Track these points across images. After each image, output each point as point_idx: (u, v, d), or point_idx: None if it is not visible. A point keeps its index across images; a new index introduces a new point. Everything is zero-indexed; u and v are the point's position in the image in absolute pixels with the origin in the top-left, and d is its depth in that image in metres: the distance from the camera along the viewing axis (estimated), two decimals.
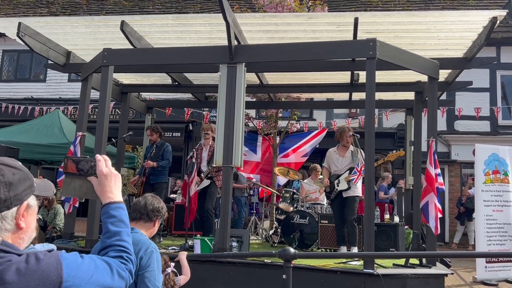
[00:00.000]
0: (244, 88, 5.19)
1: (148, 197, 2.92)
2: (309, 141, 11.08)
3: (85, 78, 6.20)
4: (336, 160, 6.03)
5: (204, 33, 5.99)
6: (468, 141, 12.11)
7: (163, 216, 2.93)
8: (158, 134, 6.97)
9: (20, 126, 9.55)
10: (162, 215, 2.88)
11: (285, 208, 7.19)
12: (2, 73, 15.90)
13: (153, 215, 2.82)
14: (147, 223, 2.81)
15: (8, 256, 1.16)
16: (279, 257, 3.05)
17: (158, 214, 2.85)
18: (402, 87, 7.03)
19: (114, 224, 1.43)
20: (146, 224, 2.80)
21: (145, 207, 2.82)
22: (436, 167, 4.94)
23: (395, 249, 5.85)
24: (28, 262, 1.16)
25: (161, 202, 2.94)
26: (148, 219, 2.81)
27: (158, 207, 2.86)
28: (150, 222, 2.82)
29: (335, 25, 5.55)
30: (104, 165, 1.49)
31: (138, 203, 2.89)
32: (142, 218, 2.81)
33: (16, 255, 1.18)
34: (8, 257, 1.16)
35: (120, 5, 17.68)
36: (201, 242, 5.23)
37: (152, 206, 2.84)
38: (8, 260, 1.15)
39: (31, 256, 1.18)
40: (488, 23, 5.07)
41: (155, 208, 2.84)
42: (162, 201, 2.99)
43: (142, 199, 2.90)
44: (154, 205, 2.85)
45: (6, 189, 1.20)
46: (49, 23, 6.17)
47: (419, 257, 5.02)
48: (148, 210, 2.81)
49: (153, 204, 2.85)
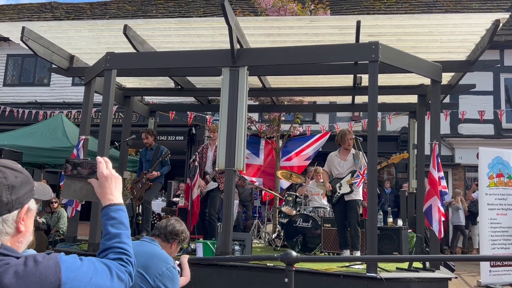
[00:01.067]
0: (246, 92, 5.19)
1: (172, 219, 2.98)
2: (312, 144, 11.07)
3: (88, 82, 6.22)
4: (338, 164, 6.01)
5: (207, 37, 6.01)
6: (472, 144, 12.05)
7: (182, 242, 2.95)
8: (153, 137, 6.99)
9: (23, 130, 9.58)
10: (180, 240, 2.91)
11: (288, 212, 7.17)
12: (7, 77, 15.99)
13: (171, 237, 2.87)
14: (164, 243, 2.85)
15: (6, 259, 1.16)
16: (281, 261, 3.04)
17: (176, 237, 2.88)
18: (405, 90, 7.01)
19: (114, 226, 1.42)
20: (163, 244, 2.84)
21: (165, 228, 2.87)
22: (439, 170, 4.92)
23: (399, 253, 5.82)
24: (26, 264, 1.15)
25: (183, 226, 2.95)
26: (165, 240, 2.86)
27: (178, 230, 2.89)
28: (167, 243, 2.86)
29: (338, 28, 5.56)
30: (105, 167, 1.49)
31: (161, 222, 2.96)
32: (160, 236, 2.87)
33: (15, 258, 1.17)
34: (6, 260, 1.15)
35: (124, 9, 17.78)
36: (204, 246, 5.22)
37: (171, 228, 2.88)
38: (6, 263, 1.14)
39: (29, 259, 1.17)
40: (491, 26, 5.05)
41: (173, 231, 2.87)
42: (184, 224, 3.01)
43: (166, 221, 2.96)
44: (174, 227, 2.88)
45: (8, 192, 1.20)
46: (52, 27, 6.21)
47: (423, 261, 4.99)
48: (166, 231, 2.86)
49: (173, 226, 2.89)
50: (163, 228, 2.88)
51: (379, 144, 4.81)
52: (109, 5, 18.54)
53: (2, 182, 1.19)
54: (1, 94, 15.65)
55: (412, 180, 7.03)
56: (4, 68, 15.96)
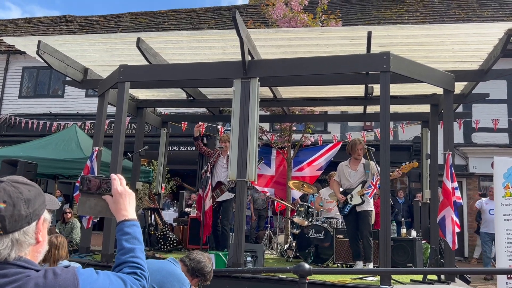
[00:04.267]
0: (257, 102, 5.22)
1: (205, 256, 2.95)
2: (324, 154, 11.01)
3: (102, 94, 6.31)
4: (348, 174, 5.97)
5: (218, 49, 6.06)
6: (486, 153, 11.91)
7: (204, 282, 2.92)
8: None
9: (38, 141, 9.73)
10: (203, 279, 2.89)
11: (300, 222, 7.13)
12: (22, 89, 16.31)
13: (197, 273, 2.85)
14: (188, 274, 2.83)
15: (26, 271, 1.21)
16: (294, 273, 3.02)
17: (199, 275, 2.86)
18: (417, 99, 6.97)
19: (128, 241, 1.46)
20: (187, 274, 2.82)
21: (197, 263, 2.86)
22: (453, 180, 4.86)
23: (413, 265, 5.74)
24: (46, 277, 1.20)
25: (211, 267, 2.92)
26: (190, 272, 2.84)
27: (206, 271, 2.87)
28: (189, 276, 2.83)
29: (349, 39, 5.57)
30: (119, 183, 1.53)
31: (196, 255, 2.92)
32: (187, 266, 2.85)
33: (34, 270, 1.22)
34: (27, 272, 1.20)
35: (136, 21, 18.04)
36: (216, 257, 5.21)
37: (202, 265, 2.85)
38: (27, 275, 1.19)
39: (49, 272, 1.22)
40: (503, 35, 5.02)
41: (202, 270, 2.86)
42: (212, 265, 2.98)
43: (200, 256, 2.93)
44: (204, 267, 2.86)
45: (25, 206, 1.25)
46: (67, 41, 6.33)
47: (438, 273, 4.92)
48: (196, 266, 2.85)
49: (204, 265, 2.86)
50: (195, 262, 2.84)
51: (392, 154, 4.78)
52: (122, 17, 18.85)
53: (19, 197, 1.25)
54: (17, 106, 15.95)
55: (425, 190, 6.96)
56: (20, 80, 16.29)
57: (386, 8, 16.47)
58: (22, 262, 1.23)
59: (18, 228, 1.23)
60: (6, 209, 1.21)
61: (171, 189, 13.73)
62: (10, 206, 1.22)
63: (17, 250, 1.23)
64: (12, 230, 1.21)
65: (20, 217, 1.23)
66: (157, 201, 8.09)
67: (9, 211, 1.21)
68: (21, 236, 1.24)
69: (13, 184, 1.27)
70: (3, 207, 1.21)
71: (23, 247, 1.25)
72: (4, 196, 1.22)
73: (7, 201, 1.22)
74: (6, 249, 1.20)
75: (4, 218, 1.20)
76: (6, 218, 1.20)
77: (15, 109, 15.78)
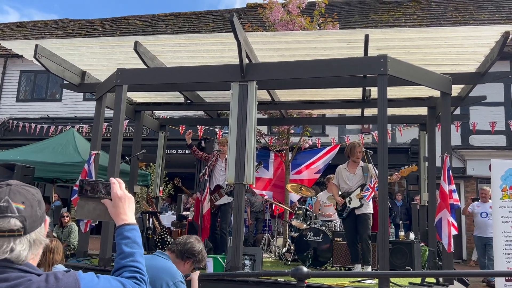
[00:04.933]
0: (255, 106, 5.22)
1: (192, 237, 2.91)
2: (322, 157, 11.02)
3: (100, 97, 6.31)
4: (347, 178, 5.97)
5: (216, 52, 6.07)
6: (484, 156, 11.95)
7: (197, 263, 2.88)
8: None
9: (35, 145, 9.71)
10: (196, 260, 2.84)
11: (298, 226, 7.13)
12: (20, 93, 16.29)
13: (186, 255, 2.81)
14: (178, 259, 2.80)
15: (28, 275, 1.22)
16: (292, 276, 3.01)
17: (192, 257, 2.82)
18: (414, 102, 6.99)
19: (128, 246, 1.47)
20: (177, 260, 2.79)
21: (183, 245, 2.82)
22: (450, 183, 4.87)
23: (411, 267, 5.74)
24: (48, 281, 1.22)
25: (201, 247, 2.88)
26: (180, 256, 2.80)
27: (195, 250, 2.83)
28: (180, 260, 2.80)
29: (346, 42, 5.59)
30: (119, 187, 1.54)
31: (181, 238, 2.89)
32: (175, 252, 2.81)
33: (36, 274, 1.24)
34: (28, 276, 1.22)
35: (134, 25, 18.05)
36: (214, 261, 5.20)
37: (189, 246, 2.82)
38: (28, 279, 1.21)
39: (50, 276, 1.24)
40: (500, 38, 5.04)
41: (191, 250, 2.81)
42: (203, 245, 2.94)
43: (186, 237, 2.90)
44: (192, 246, 2.82)
45: (39, 207, 1.30)
46: (65, 45, 6.33)
47: (436, 276, 4.92)
48: (184, 248, 2.81)
49: (192, 245, 2.82)
50: (181, 244, 2.82)
51: (389, 156, 4.78)
52: (119, 21, 18.86)
53: (33, 198, 1.29)
54: (14, 109, 15.94)
55: (423, 192, 6.96)
56: (17, 84, 16.27)
57: (383, 11, 16.54)
58: (23, 266, 1.24)
59: (35, 228, 1.26)
60: (25, 210, 1.25)
61: (169, 193, 13.72)
62: (28, 207, 1.26)
63: (33, 251, 1.26)
64: (30, 231, 1.25)
65: (36, 217, 1.27)
66: (155, 204, 8.07)
67: (28, 211, 1.25)
68: (37, 236, 1.27)
69: (24, 187, 1.30)
70: (22, 208, 1.24)
71: (37, 247, 1.28)
72: (21, 197, 1.26)
73: (25, 202, 1.26)
74: (25, 250, 1.23)
75: (25, 218, 1.23)
76: (27, 218, 1.24)
77: (13, 112, 15.77)
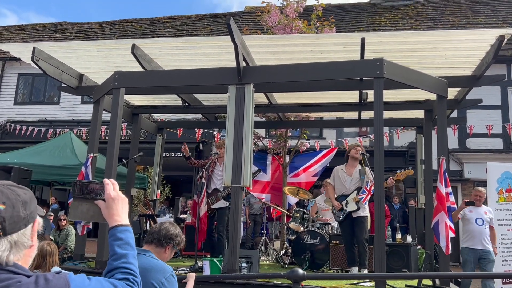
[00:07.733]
0: (252, 108, 5.23)
1: (166, 223, 2.91)
2: (320, 160, 11.05)
3: (97, 100, 6.31)
4: (344, 180, 5.97)
5: (213, 55, 6.09)
6: (481, 159, 11.96)
7: (177, 246, 2.88)
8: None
9: (33, 148, 9.70)
10: (175, 243, 2.84)
11: (295, 228, 7.12)
12: (18, 96, 16.27)
13: (165, 241, 2.80)
14: (158, 248, 2.80)
15: (17, 277, 1.20)
16: (288, 279, 3.03)
17: (170, 241, 2.82)
18: (411, 105, 7.01)
19: (120, 247, 1.45)
20: (157, 249, 2.79)
21: (159, 232, 2.81)
22: (447, 186, 4.88)
23: (408, 270, 5.75)
24: (37, 283, 1.19)
25: (177, 230, 2.89)
26: (159, 245, 2.80)
27: (172, 234, 2.83)
28: (161, 248, 2.80)
29: (342, 46, 5.61)
30: (112, 188, 1.53)
31: (154, 227, 2.89)
32: (153, 242, 2.81)
33: (26, 276, 1.21)
34: (17, 278, 1.19)
35: (132, 28, 18.08)
36: (210, 263, 5.20)
37: (165, 231, 2.81)
38: (18, 281, 1.18)
39: (40, 278, 1.22)
40: (495, 41, 5.07)
41: (167, 235, 2.81)
42: (178, 228, 2.95)
43: (159, 224, 2.90)
44: (168, 231, 2.82)
45: (23, 208, 1.26)
46: (62, 48, 6.34)
47: (432, 278, 4.92)
48: (160, 235, 2.80)
49: (167, 230, 2.82)
50: (157, 232, 2.80)
51: (387, 159, 4.80)
52: (118, 24, 18.89)
53: (17, 199, 1.26)
54: (12, 112, 15.91)
55: (420, 195, 6.98)
56: (15, 87, 16.26)
57: (380, 15, 16.60)
58: (12, 267, 1.22)
59: (16, 230, 1.23)
60: (6, 210, 1.21)
61: (167, 196, 13.70)
62: (9, 207, 1.22)
63: (15, 253, 1.23)
64: (11, 232, 1.21)
65: (18, 218, 1.24)
66: (153, 207, 8.07)
67: (8, 212, 1.22)
68: (19, 238, 1.24)
69: (9, 187, 1.27)
70: (2, 208, 1.21)
71: (20, 249, 1.24)
72: (2, 198, 1.23)
73: (6, 202, 1.22)
74: (5, 251, 1.20)
75: (4, 219, 1.20)
76: (6, 219, 1.21)
77: (11, 115, 15.74)
